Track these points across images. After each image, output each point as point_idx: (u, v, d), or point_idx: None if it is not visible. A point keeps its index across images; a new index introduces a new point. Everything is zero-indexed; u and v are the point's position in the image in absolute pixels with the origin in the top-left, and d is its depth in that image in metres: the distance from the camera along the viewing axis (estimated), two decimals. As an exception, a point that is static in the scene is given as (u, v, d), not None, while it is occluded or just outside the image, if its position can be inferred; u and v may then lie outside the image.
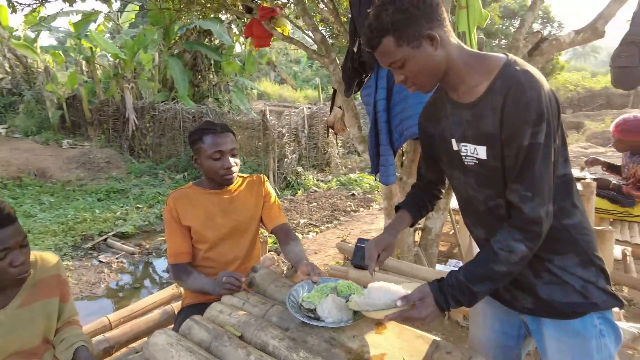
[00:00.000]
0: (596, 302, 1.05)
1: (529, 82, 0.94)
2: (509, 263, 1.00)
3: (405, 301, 1.09)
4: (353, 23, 2.25)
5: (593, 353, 1.05)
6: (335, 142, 9.96)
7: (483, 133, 1.02)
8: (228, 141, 1.68)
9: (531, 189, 0.96)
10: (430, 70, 1.04)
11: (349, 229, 5.48)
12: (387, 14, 1.00)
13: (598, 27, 2.30)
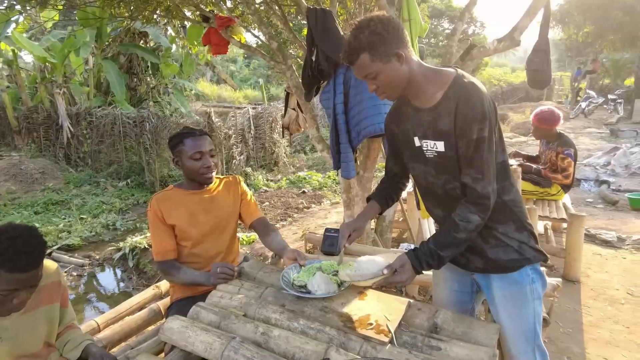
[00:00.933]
0: (529, 257, 1.38)
1: (474, 91, 1.24)
2: (467, 231, 1.28)
3: (389, 269, 1.35)
4: (310, 34, 2.48)
5: (528, 295, 1.38)
6: (282, 142, 10.14)
7: (441, 131, 1.30)
8: (206, 143, 1.86)
9: (481, 172, 1.25)
10: (397, 82, 1.30)
11: (304, 225, 5.71)
12: (364, 35, 1.24)
13: (515, 36, 2.72)
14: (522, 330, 1.39)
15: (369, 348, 1.25)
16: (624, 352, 2.48)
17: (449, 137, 1.29)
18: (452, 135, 1.27)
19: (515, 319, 1.39)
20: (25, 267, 1.27)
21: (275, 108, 10.23)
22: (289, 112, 4.19)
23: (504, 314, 1.40)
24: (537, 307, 1.39)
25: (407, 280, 1.35)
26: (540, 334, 1.42)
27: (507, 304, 1.40)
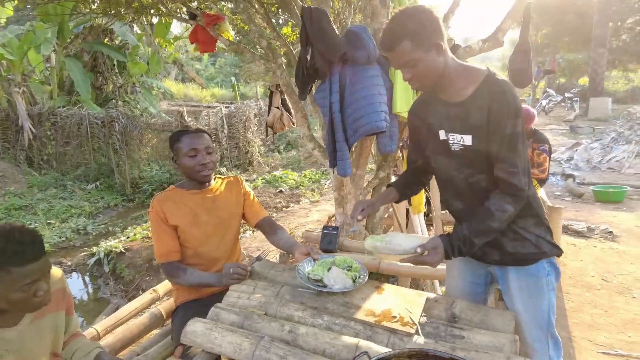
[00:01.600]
0: (545, 251, 1.43)
1: (507, 88, 1.29)
2: (500, 220, 1.32)
3: (422, 248, 1.37)
4: (305, 33, 2.48)
5: (544, 287, 1.43)
6: (255, 141, 10.06)
7: (471, 125, 1.33)
8: (203, 140, 1.83)
9: (516, 166, 1.30)
10: (433, 72, 1.32)
11: (285, 224, 5.70)
12: (409, 23, 1.27)
13: (498, 37, 2.84)
14: (536, 319, 1.45)
15: (397, 340, 1.28)
16: (605, 334, 2.65)
17: (479, 132, 1.32)
18: (483, 130, 1.31)
19: (530, 309, 1.44)
20: (33, 255, 1.24)
21: (248, 107, 10.13)
22: (273, 111, 4.19)
23: (520, 304, 1.45)
24: (551, 298, 1.45)
25: (435, 263, 1.37)
26: (554, 323, 1.48)
27: (523, 295, 1.45)
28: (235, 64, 24.36)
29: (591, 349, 2.53)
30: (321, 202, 6.59)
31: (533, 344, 1.46)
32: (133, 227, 6.09)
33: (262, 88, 19.33)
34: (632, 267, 3.66)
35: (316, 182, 8.29)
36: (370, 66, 2.45)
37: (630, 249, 4.06)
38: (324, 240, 2.38)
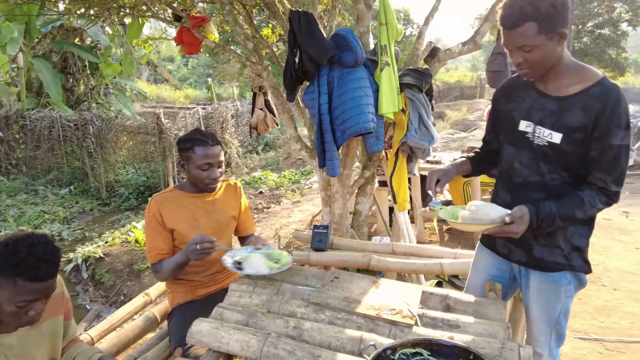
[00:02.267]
0: (574, 265, 1.42)
1: (623, 97, 1.24)
2: (586, 214, 1.31)
3: (511, 217, 1.31)
4: (293, 36, 2.52)
5: (561, 295, 1.46)
6: (233, 142, 9.98)
7: (566, 124, 1.29)
8: (217, 153, 1.83)
9: (618, 180, 1.29)
10: (548, 61, 1.26)
11: (268, 225, 5.71)
12: (543, 3, 1.18)
13: (477, 40, 2.96)
14: (547, 319, 1.50)
15: (398, 331, 1.34)
16: (581, 321, 2.81)
17: (574, 133, 1.29)
18: (579, 132, 1.27)
19: (544, 310, 1.49)
20: (45, 275, 1.23)
21: (225, 108, 10.04)
22: (256, 112, 4.19)
23: (535, 304, 1.50)
24: (567, 304, 1.47)
25: (519, 232, 1.32)
26: (565, 324, 1.52)
27: (540, 297, 1.49)
28: (209, 65, 24.04)
29: (569, 336, 2.67)
30: (303, 202, 6.62)
31: (538, 336, 1.53)
32: (111, 232, 5.97)
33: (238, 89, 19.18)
34: (602, 258, 3.87)
35: (296, 182, 8.31)
36: (357, 69, 2.51)
37: (599, 240, 4.29)
38: (314, 239, 2.44)
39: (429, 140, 2.76)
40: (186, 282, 1.93)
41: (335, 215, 3.02)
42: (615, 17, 19.84)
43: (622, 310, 2.98)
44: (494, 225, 1.33)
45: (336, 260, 2.33)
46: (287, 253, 1.82)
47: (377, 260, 2.23)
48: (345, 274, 1.71)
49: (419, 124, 2.74)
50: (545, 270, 1.46)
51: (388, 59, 2.55)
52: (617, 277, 3.48)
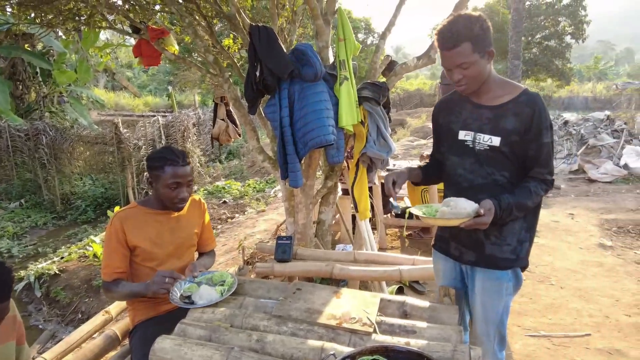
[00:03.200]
0: (519, 260, 1.58)
1: (544, 103, 1.47)
2: (533, 202, 1.49)
3: (482, 209, 1.43)
4: (253, 50, 2.56)
5: (502, 291, 1.59)
6: (195, 151, 9.83)
7: (501, 128, 1.47)
8: (187, 173, 1.83)
9: (552, 171, 1.50)
10: (481, 76, 1.46)
11: (232, 236, 5.67)
12: (474, 26, 1.39)
13: (431, 55, 3.10)
14: (490, 318, 1.61)
15: (357, 340, 1.40)
16: (531, 319, 2.99)
17: (510, 135, 1.47)
18: (514, 135, 1.46)
19: (486, 308, 1.61)
20: None
21: (186, 116, 9.89)
22: (218, 123, 4.19)
23: (478, 302, 1.63)
24: (507, 302, 1.60)
25: (488, 224, 1.44)
26: (506, 324, 1.64)
27: (483, 295, 1.61)
28: (169, 72, 23.55)
29: (521, 334, 2.84)
30: (268, 212, 6.62)
31: (481, 336, 1.64)
32: (67, 247, 5.73)
33: (200, 96, 18.90)
34: (550, 258, 4.12)
35: (261, 191, 8.29)
36: (317, 83, 2.58)
37: (548, 242, 4.56)
38: (278, 250, 2.48)
39: (387, 151, 2.86)
40: (147, 299, 1.91)
41: (298, 225, 3.06)
42: (560, 30, 21.20)
43: (567, 307, 3.19)
44: (469, 218, 1.45)
45: (300, 271, 2.38)
46: (226, 272, 1.84)
47: (339, 269, 2.29)
48: (307, 285, 1.76)
49: (378, 136, 2.84)
50: (493, 267, 1.58)
51: (347, 74, 2.64)
52: (563, 276, 3.72)
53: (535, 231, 1.64)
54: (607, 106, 18.97)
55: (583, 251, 4.34)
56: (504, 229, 1.56)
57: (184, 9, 3.34)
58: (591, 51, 67.32)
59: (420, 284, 3.50)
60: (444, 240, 1.77)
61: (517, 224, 1.57)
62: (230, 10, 3.06)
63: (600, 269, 3.87)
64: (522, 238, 1.59)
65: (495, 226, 1.53)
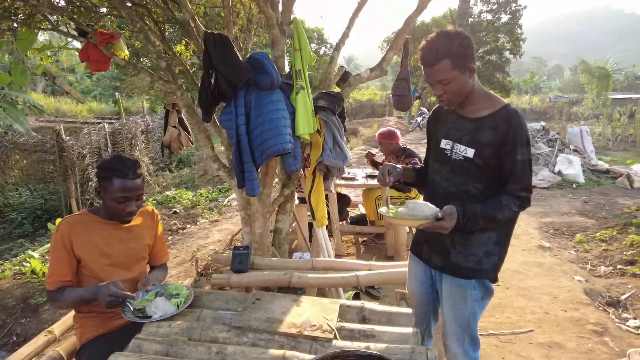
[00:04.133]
0: (485, 270, 1.61)
1: (522, 119, 1.49)
2: (504, 215, 1.50)
3: (442, 214, 1.48)
4: (208, 57, 2.53)
5: (468, 299, 1.64)
6: (144, 160, 9.46)
7: (478, 140, 1.51)
8: (136, 187, 1.75)
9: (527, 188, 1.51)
10: (463, 91, 1.50)
11: (183, 247, 5.49)
12: (453, 44, 1.42)
13: (383, 67, 3.22)
14: (458, 321, 1.68)
15: (318, 346, 1.41)
16: (481, 319, 3.12)
17: (485, 148, 1.50)
18: (489, 148, 1.50)
19: (454, 313, 1.68)
20: None
21: (134, 123, 9.52)
22: (169, 130, 4.07)
23: (447, 307, 1.70)
24: (474, 308, 1.66)
25: (449, 228, 1.48)
26: (475, 327, 1.70)
27: (450, 300, 1.68)
28: (116, 77, 22.54)
29: (470, 334, 2.96)
30: (221, 221, 6.48)
31: (451, 337, 1.72)
32: (0, 263, 5.28)
33: (149, 102, 18.23)
34: (496, 261, 4.35)
35: (214, 200, 8.10)
36: (274, 91, 2.59)
37: (493, 245, 4.81)
38: (234, 261, 2.44)
39: (342, 160, 2.92)
40: (97, 315, 1.81)
41: (255, 234, 3.03)
42: (499, 46, 22.63)
43: (512, 305, 3.38)
44: (427, 220, 1.49)
45: (257, 281, 2.35)
46: (180, 284, 1.80)
47: (298, 277, 2.30)
48: (267, 295, 1.75)
49: (334, 145, 2.89)
50: (457, 275, 1.64)
51: (303, 83, 2.67)
52: (509, 277, 3.94)
53: (507, 247, 1.66)
54: (542, 117, 20.44)
55: (525, 253, 4.62)
56: (470, 238, 1.59)
57: (134, 13, 3.24)
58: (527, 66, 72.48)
59: (375, 289, 3.57)
60: (418, 243, 1.85)
61: (484, 235, 1.59)
62: (184, 17, 3.01)
63: (540, 269, 4.14)
64: (490, 250, 1.61)
65: (462, 235, 1.59)
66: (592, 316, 3.15)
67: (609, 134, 14.81)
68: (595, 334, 2.91)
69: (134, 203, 1.77)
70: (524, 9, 22.47)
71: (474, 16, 22.66)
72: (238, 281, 2.38)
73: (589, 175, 8.38)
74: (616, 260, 4.23)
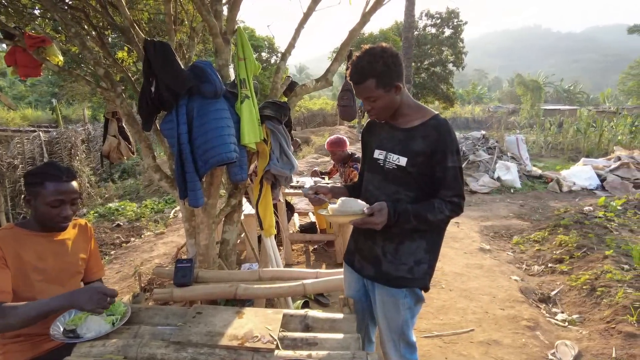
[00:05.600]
0: (416, 278, 1.64)
1: (451, 128, 1.56)
2: (435, 217, 1.53)
3: (370, 209, 1.50)
4: (148, 64, 2.45)
5: (400, 307, 1.67)
6: (85, 170, 8.95)
7: (410, 149, 1.56)
8: (71, 190, 1.67)
9: (460, 194, 1.56)
10: (390, 108, 1.57)
11: (127, 262, 5.23)
12: (376, 64, 1.46)
13: (328, 78, 3.28)
14: (392, 329, 1.71)
15: (260, 357, 1.40)
16: (425, 321, 3.24)
17: (416, 156, 1.55)
18: (420, 156, 1.54)
19: (388, 320, 1.71)
20: None
21: (74, 132, 9.01)
22: (109, 140, 3.89)
23: (381, 315, 1.73)
24: (406, 316, 1.69)
25: (380, 224, 1.49)
26: (409, 333, 1.73)
27: (383, 308, 1.71)
28: (54, 83, 21.25)
29: (417, 336, 3.05)
30: (167, 234, 6.25)
31: (387, 343, 1.75)
32: None
33: (90, 110, 17.32)
34: (440, 264, 4.53)
35: (159, 212, 7.81)
36: (218, 100, 2.55)
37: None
38: (177, 274, 2.37)
39: (290, 169, 2.93)
40: (26, 338, 1.68)
41: (200, 246, 2.95)
42: (443, 58, 23.78)
43: (455, 307, 3.53)
44: (356, 216, 1.52)
45: (201, 294, 2.29)
46: (119, 301, 1.71)
47: (243, 289, 2.26)
48: (209, 308, 1.71)
49: (281, 154, 2.89)
50: (389, 284, 1.68)
51: (248, 92, 2.66)
52: (452, 279, 4.12)
53: (437, 254, 1.71)
54: (483, 126, 21.67)
55: (467, 255, 4.85)
56: (400, 247, 1.63)
57: (70, 16, 3.09)
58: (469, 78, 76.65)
59: (324, 297, 3.59)
60: (350, 253, 1.88)
61: (414, 244, 1.63)
62: (124, 23, 2.90)
63: (481, 270, 4.36)
64: (421, 259, 1.64)
65: (392, 243, 1.63)
66: (526, 313, 3.36)
67: (541, 141, 15.97)
68: (528, 329, 3.11)
69: (69, 207, 1.68)
70: (464, 24, 23.82)
71: (419, 29, 23.68)
72: (181, 295, 2.30)
73: (525, 180, 8.96)
74: (547, 259, 4.55)
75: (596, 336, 2.95)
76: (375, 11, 3.02)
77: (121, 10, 2.82)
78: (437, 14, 23.90)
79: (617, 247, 4.38)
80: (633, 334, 2.79)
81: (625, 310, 3.08)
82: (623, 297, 3.23)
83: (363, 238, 1.77)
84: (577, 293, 3.63)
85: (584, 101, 42.09)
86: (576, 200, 7.67)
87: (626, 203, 6.27)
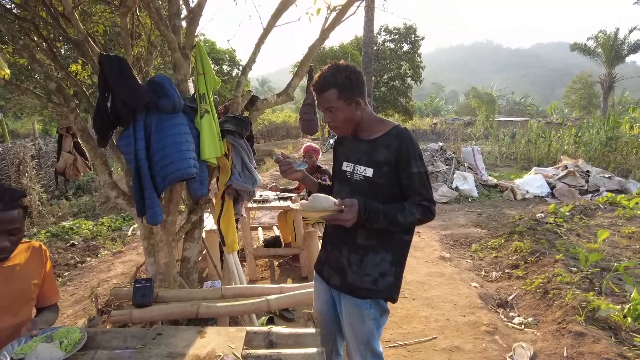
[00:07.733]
0: (379, 292, 1.66)
1: (412, 135, 1.61)
2: (405, 219, 1.55)
3: (340, 203, 1.51)
4: (104, 80, 2.39)
5: (365, 317, 1.69)
6: (35, 188, 8.47)
7: (375, 160, 1.60)
8: (10, 219, 1.53)
9: (429, 199, 1.59)
10: (350, 121, 1.63)
11: (83, 283, 4.98)
12: (339, 75, 1.55)
13: (289, 92, 3.31)
14: (358, 339, 1.73)
15: (222, 377, 1.37)
16: (390, 331, 3.28)
17: (381, 167, 1.59)
18: (385, 166, 1.59)
19: (354, 330, 1.73)
20: None
21: (23, 147, 8.53)
22: (64, 156, 3.73)
23: (347, 325, 1.75)
24: (371, 326, 1.71)
25: (350, 220, 1.51)
26: (375, 344, 1.75)
27: (349, 319, 1.73)
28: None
29: (382, 346, 3.09)
30: (125, 252, 6.01)
31: (354, 354, 1.77)
32: None
33: (41, 124, 16.49)
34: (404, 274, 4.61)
35: (117, 230, 7.51)
36: (176, 115, 2.52)
37: (401, 259, 5.10)
38: (136, 295, 2.29)
39: (252, 183, 2.92)
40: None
41: (160, 265, 2.87)
42: (402, 72, 24.55)
43: (418, 315, 3.60)
44: (327, 212, 1.54)
45: (162, 314, 2.23)
46: (73, 326, 1.64)
47: (206, 307, 2.22)
48: (169, 329, 1.66)
49: (242, 168, 2.88)
50: (353, 295, 1.70)
51: (207, 107, 2.64)
52: (414, 288, 4.20)
53: (403, 266, 1.73)
54: (440, 138, 22.41)
55: (429, 264, 4.97)
56: (364, 259, 1.67)
57: (17, 27, 2.96)
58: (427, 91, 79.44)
59: (289, 312, 3.57)
60: (320, 262, 1.91)
61: (379, 256, 1.66)
62: (78, 36, 2.82)
63: (442, 278, 4.48)
64: (386, 271, 1.66)
65: (357, 255, 1.67)
66: (485, 318, 3.47)
67: (496, 152, 16.72)
68: (488, 334, 3.21)
69: (6, 238, 1.56)
70: (422, 39, 24.76)
71: (379, 44, 24.38)
72: (141, 316, 2.23)
73: (482, 189, 9.34)
74: (504, 265, 4.74)
75: (549, 337, 3.10)
76: (334, 28, 3.10)
77: (74, 23, 2.74)
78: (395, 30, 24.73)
79: (566, 250, 4.64)
80: (582, 333, 2.95)
81: (575, 310, 3.25)
82: (572, 299, 3.41)
83: (331, 247, 1.81)
84: (531, 297, 3.80)
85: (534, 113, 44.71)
86: (529, 207, 8.07)
87: (573, 209, 6.67)
